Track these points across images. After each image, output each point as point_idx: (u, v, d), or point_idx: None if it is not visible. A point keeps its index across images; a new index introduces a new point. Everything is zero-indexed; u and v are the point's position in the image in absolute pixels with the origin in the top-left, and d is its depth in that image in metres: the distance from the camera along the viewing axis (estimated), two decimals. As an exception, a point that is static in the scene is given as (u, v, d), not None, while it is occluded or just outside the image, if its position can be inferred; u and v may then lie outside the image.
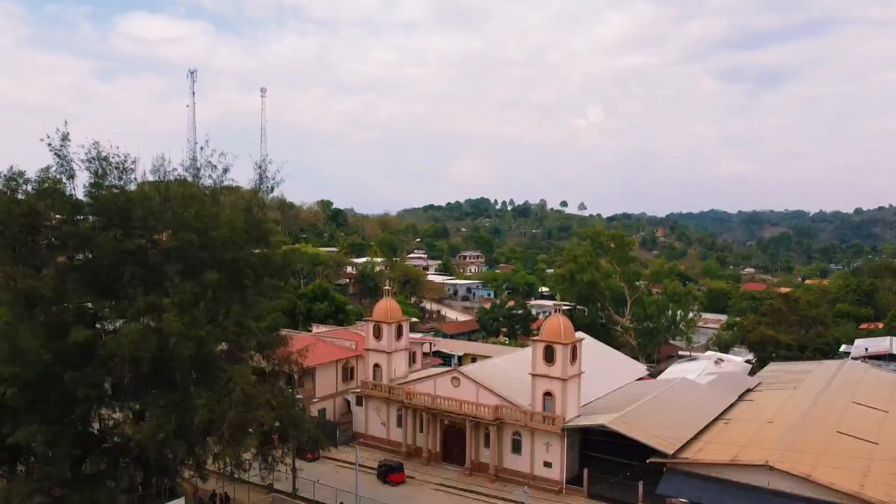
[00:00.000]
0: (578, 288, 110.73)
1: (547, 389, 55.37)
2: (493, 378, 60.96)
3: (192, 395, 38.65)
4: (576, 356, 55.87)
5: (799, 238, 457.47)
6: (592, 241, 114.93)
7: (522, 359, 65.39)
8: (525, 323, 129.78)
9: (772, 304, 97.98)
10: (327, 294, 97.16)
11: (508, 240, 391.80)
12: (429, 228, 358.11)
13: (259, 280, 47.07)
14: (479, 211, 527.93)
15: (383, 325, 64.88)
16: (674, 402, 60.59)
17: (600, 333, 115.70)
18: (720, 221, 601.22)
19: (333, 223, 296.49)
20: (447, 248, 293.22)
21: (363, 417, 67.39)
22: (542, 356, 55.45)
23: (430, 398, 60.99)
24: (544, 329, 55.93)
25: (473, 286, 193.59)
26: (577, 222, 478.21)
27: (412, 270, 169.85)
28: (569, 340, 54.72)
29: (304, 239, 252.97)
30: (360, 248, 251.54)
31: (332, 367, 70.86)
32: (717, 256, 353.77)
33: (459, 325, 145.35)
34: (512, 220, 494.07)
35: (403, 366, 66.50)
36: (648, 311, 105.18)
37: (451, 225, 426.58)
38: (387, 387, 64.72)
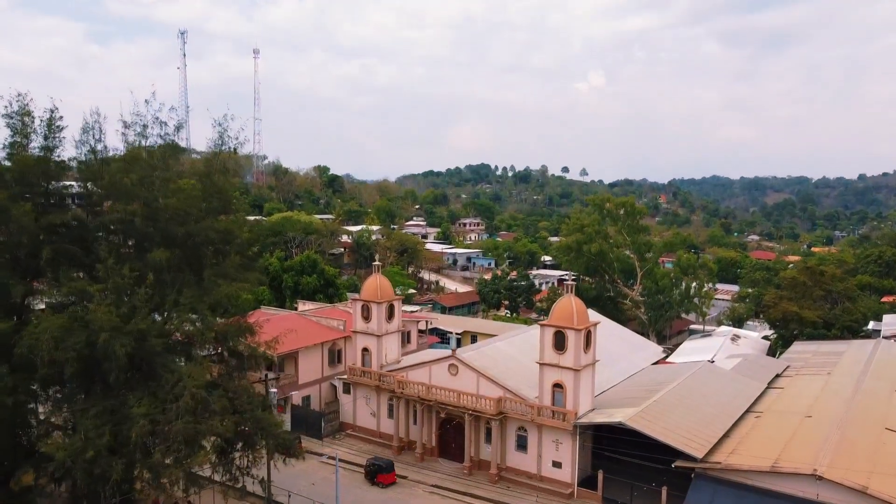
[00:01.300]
0: (585, 259, 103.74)
1: (557, 381, 48.61)
2: (496, 365, 54.22)
3: (129, 401, 31.78)
4: (590, 343, 49.01)
5: (802, 204, 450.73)
6: (600, 210, 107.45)
7: (529, 342, 58.62)
8: (527, 295, 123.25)
9: (794, 277, 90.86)
10: (316, 266, 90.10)
11: (509, 206, 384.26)
12: (428, 195, 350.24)
13: (220, 258, 40.07)
14: (479, 177, 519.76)
15: (372, 305, 57.96)
16: (698, 392, 53.89)
17: (608, 307, 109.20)
18: (722, 187, 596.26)
19: (330, 189, 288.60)
20: (447, 214, 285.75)
21: (351, 406, 60.88)
22: (552, 343, 48.57)
23: (424, 388, 54.32)
24: (554, 312, 48.97)
25: (473, 255, 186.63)
26: (579, 188, 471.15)
27: (409, 239, 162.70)
28: (582, 325, 47.79)
29: (299, 206, 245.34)
30: (357, 216, 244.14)
31: (316, 351, 64.12)
32: (721, 223, 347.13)
33: (459, 297, 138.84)
34: (513, 186, 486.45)
35: (395, 349, 59.77)
36: (661, 284, 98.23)
37: (450, 191, 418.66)
38: (376, 374, 58.05)
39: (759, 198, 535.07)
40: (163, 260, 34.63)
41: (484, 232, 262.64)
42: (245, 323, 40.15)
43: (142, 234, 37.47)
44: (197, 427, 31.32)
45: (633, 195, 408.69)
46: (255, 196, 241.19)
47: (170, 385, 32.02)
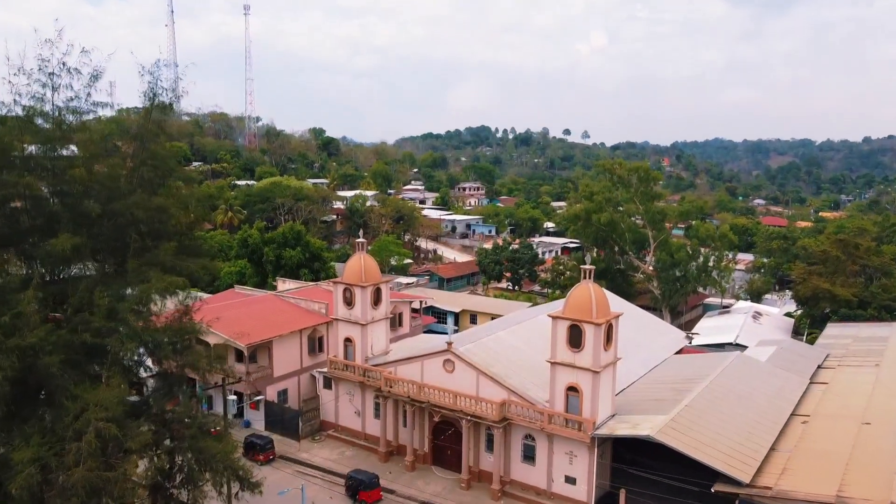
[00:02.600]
0: (594, 229, 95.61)
1: (571, 383, 40.91)
2: (498, 360, 46.51)
3: (14, 442, 23.99)
4: (611, 339, 41.20)
5: (807, 168, 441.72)
6: (610, 175, 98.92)
7: (536, 331, 50.89)
8: (530, 267, 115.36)
9: (826, 250, 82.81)
10: (300, 238, 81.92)
11: (510, 170, 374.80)
12: (427, 158, 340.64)
13: (154, 242, 31.96)
14: (479, 139, 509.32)
15: (355, 290, 50.02)
16: (733, 392, 46.27)
17: (617, 281, 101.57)
18: (725, 150, 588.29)
19: (325, 153, 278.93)
20: (446, 179, 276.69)
21: (333, 403, 53.37)
22: (566, 339, 40.75)
23: (415, 387, 46.65)
24: (569, 302, 41.00)
25: (473, 222, 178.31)
26: (581, 151, 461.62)
27: (406, 206, 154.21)
28: (603, 318, 39.91)
29: (292, 169, 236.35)
30: (352, 180, 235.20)
31: (294, 339, 56.37)
32: (726, 187, 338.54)
33: (458, 267, 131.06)
34: (513, 149, 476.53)
35: (383, 339, 52.00)
36: (676, 257, 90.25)
37: (450, 154, 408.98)
38: (360, 368, 50.38)
39: (762, 161, 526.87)
40: (67, 248, 26.54)
41: (484, 197, 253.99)
42: (188, 322, 32.12)
43: (47, 213, 29.31)
44: (103, 475, 23.60)
45: (633, 157, 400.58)
46: (246, 159, 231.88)
47: (69, 419, 24.19)
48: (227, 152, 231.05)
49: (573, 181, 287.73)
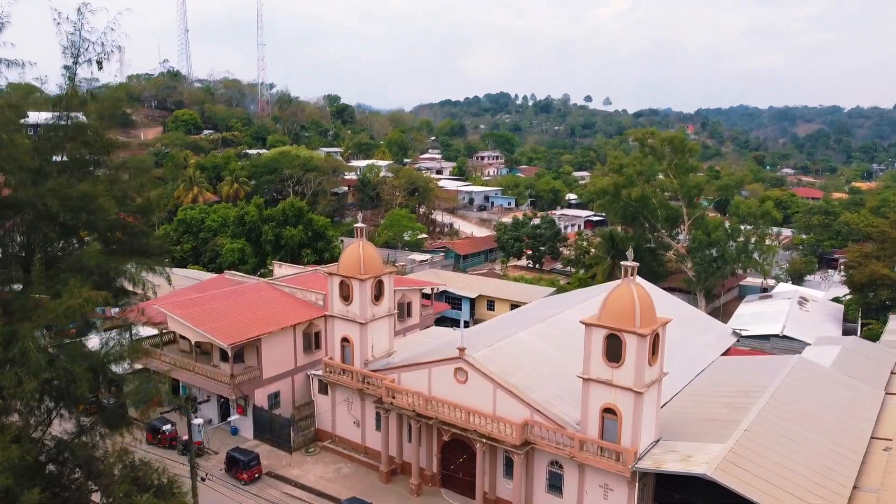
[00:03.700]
0: (623, 204, 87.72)
1: (608, 404, 33.79)
2: (519, 368, 39.46)
3: None
4: (657, 352, 33.92)
5: (836, 136, 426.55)
6: (642, 146, 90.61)
7: (563, 330, 43.87)
8: (552, 243, 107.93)
9: (885, 231, 74.47)
10: (301, 215, 74.98)
11: (529, 137, 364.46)
12: (444, 126, 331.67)
13: (75, 242, 25.09)
14: (498, 106, 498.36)
15: (353, 283, 43.02)
16: (798, 408, 38.89)
17: (647, 260, 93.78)
18: (750, 117, 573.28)
19: (339, 120, 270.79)
20: (464, 147, 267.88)
21: (328, 411, 46.79)
22: (603, 351, 33.51)
23: (422, 400, 39.82)
24: (607, 306, 33.63)
25: (492, 193, 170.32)
26: (602, 118, 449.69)
27: (420, 177, 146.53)
28: (648, 327, 32.60)
29: (305, 138, 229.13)
30: (367, 149, 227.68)
31: (287, 335, 49.64)
32: (753, 156, 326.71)
33: (475, 243, 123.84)
34: (533, 116, 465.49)
35: (386, 339, 45.11)
36: (714, 236, 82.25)
37: (468, 122, 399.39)
38: (359, 374, 43.60)
39: (788, 128, 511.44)
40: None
41: (503, 166, 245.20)
42: (122, 348, 25.29)
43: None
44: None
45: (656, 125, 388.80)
46: (257, 127, 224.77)
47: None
48: (239, 120, 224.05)
49: (595, 149, 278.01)
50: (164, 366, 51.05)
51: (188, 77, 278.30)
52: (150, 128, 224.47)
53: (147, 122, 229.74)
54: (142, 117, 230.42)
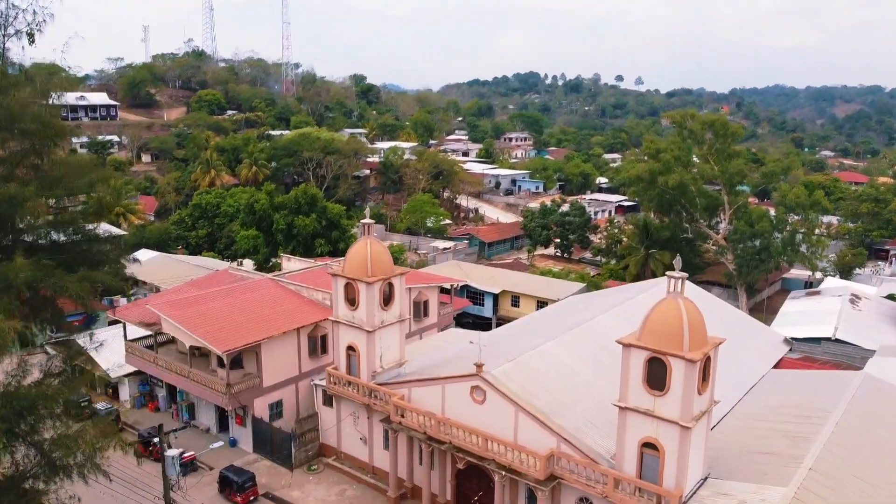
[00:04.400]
0: (659, 192, 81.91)
1: (648, 438, 28.86)
2: (545, 387, 34.65)
3: None
4: (707, 378, 28.84)
5: (879, 116, 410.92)
6: (680, 129, 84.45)
7: (596, 341, 38.95)
8: (581, 232, 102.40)
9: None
10: (315, 203, 70.55)
11: (559, 118, 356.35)
12: (471, 106, 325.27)
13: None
14: (527, 86, 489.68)
15: (359, 286, 38.43)
16: (870, 440, 33.56)
17: (683, 252, 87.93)
18: (786, 97, 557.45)
19: (364, 100, 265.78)
20: (491, 128, 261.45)
21: (334, 424, 42.51)
22: (644, 377, 28.53)
23: (434, 422, 35.25)
24: (649, 325, 28.58)
25: (519, 177, 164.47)
26: (634, 98, 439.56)
27: (445, 161, 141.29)
28: (699, 350, 27.52)
29: (329, 118, 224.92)
30: (392, 130, 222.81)
31: (290, 339, 45.33)
32: (791, 138, 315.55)
33: (500, 230, 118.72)
34: (563, 97, 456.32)
35: (396, 347, 40.52)
36: (758, 227, 76.15)
37: (496, 102, 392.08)
38: (366, 387, 39.15)
39: (826, 109, 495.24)
40: None
41: (532, 148, 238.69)
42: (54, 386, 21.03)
43: None
44: None
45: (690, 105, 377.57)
46: (281, 108, 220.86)
47: None
48: (262, 100, 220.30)
49: (626, 130, 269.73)
50: (159, 370, 47.27)
51: (213, 57, 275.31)
52: (174, 108, 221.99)
53: (171, 102, 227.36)
54: (166, 98, 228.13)
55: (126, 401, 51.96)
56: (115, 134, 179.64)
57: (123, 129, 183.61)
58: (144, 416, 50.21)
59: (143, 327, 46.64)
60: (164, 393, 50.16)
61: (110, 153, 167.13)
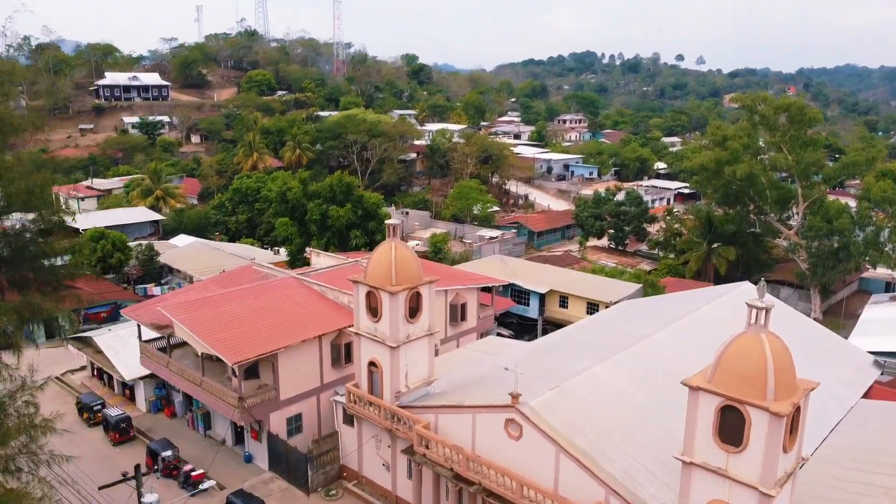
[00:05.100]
0: (725, 182, 75.05)
1: (719, 502, 23.51)
2: (593, 424, 29.56)
3: None
4: (795, 431, 23.31)
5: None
6: (750, 114, 77.08)
7: (657, 364, 33.57)
8: (638, 223, 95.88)
9: None
10: (350, 192, 66.30)
11: (615, 99, 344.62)
12: (525, 87, 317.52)
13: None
14: (583, 66, 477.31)
15: (382, 296, 33.83)
16: None
17: (749, 247, 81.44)
18: (858, 78, 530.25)
19: (415, 80, 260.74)
20: (544, 110, 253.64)
21: (355, 445, 38.27)
22: (716, 428, 23.17)
23: (462, 457, 30.59)
24: (723, 365, 23.10)
25: (572, 162, 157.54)
26: (695, 79, 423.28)
27: (494, 145, 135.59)
28: (786, 401, 22.03)
29: (379, 99, 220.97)
30: (442, 111, 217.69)
31: (311, 347, 41.18)
32: (864, 121, 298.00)
33: (550, 219, 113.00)
34: (620, 77, 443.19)
35: (425, 363, 35.86)
36: (837, 223, 68.81)
37: (551, 82, 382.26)
38: (388, 410, 34.69)
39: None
40: None
41: (586, 130, 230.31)
42: None
43: None
44: None
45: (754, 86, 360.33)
46: (330, 88, 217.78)
47: None
48: (312, 81, 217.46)
49: (687, 112, 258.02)
50: (172, 376, 43.79)
51: (264, 36, 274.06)
52: (225, 88, 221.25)
53: (222, 82, 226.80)
54: (217, 78, 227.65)
55: (142, 405, 48.90)
56: (166, 114, 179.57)
57: (174, 110, 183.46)
58: (160, 423, 47.04)
59: (155, 330, 43.15)
60: (180, 398, 46.82)
61: (160, 133, 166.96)
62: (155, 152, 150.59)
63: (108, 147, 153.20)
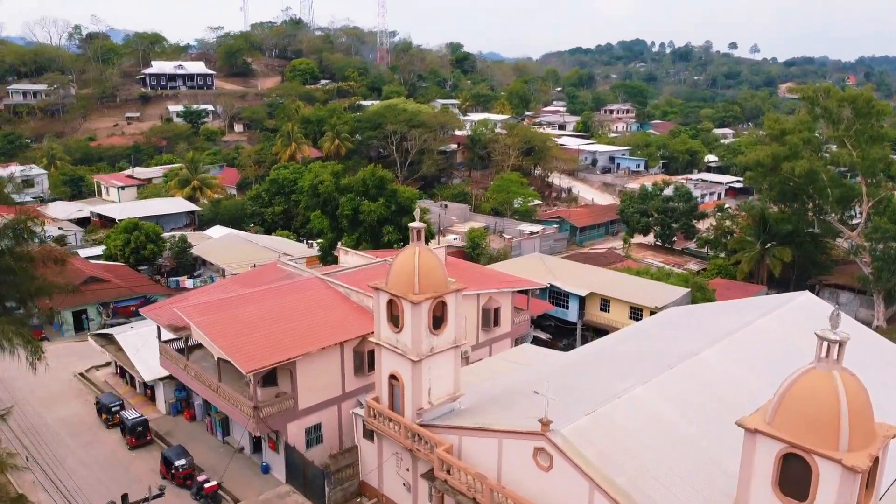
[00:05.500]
0: (781, 179, 70.30)
1: (778, 562, 20.29)
2: (632, 456, 26.50)
3: None
4: (872, 483, 19.91)
5: None
6: (812, 106, 72.02)
7: (707, 387, 30.28)
8: (686, 220, 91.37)
9: None
10: (384, 186, 63.78)
11: (665, 89, 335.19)
12: (571, 75, 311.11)
13: None
14: (632, 54, 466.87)
15: (404, 305, 31.18)
16: None
17: (807, 248, 76.48)
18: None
19: (459, 69, 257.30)
20: (591, 99, 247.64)
21: (374, 460, 35.86)
22: (775, 478, 19.92)
23: (485, 487, 27.84)
24: (787, 403, 19.83)
25: (618, 154, 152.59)
26: (748, 68, 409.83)
27: (536, 136, 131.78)
28: (862, 454, 18.71)
29: (422, 89, 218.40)
30: (486, 101, 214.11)
31: (332, 354, 38.86)
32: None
33: (594, 213, 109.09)
34: (670, 65, 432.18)
35: (449, 378, 33.07)
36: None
37: (599, 71, 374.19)
38: (408, 429, 32.11)
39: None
40: None
41: (634, 121, 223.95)
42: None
43: None
44: None
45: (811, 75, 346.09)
46: (373, 77, 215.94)
47: None
48: (355, 69, 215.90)
49: (740, 103, 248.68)
50: (189, 379, 42.03)
51: (309, 25, 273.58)
52: (269, 77, 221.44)
53: (266, 71, 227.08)
54: (262, 67, 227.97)
55: (162, 406, 47.39)
56: (210, 103, 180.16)
57: (218, 99, 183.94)
58: (179, 426, 45.43)
59: (172, 331, 41.35)
60: (200, 401, 45.09)
61: (204, 122, 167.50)
62: (197, 141, 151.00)
63: (153, 135, 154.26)
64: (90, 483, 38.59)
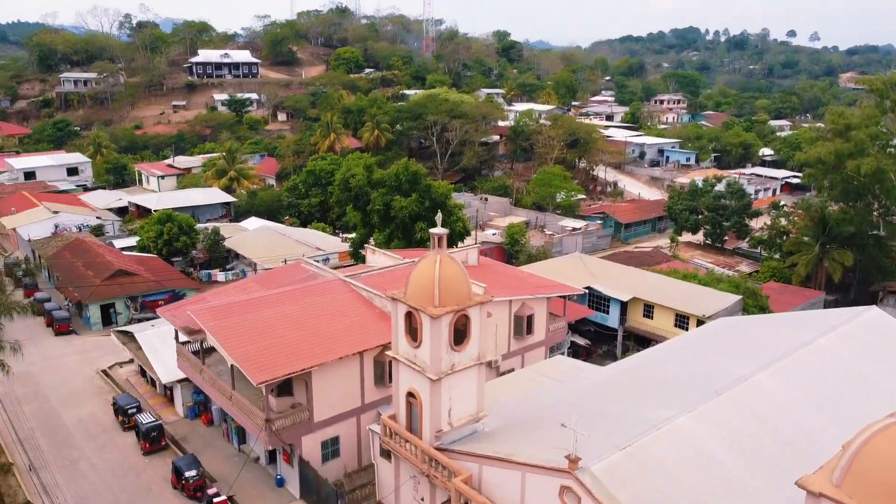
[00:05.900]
0: (844, 177, 65.40)
1: None
2: (672, 496, 23.38)
3: None
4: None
5: None
6: (880, 99, 66.74)
7: (761, 417, 27.00)
8: (738, 219, 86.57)
9: None
10: (417, 181, 61.16)
11: (719, 78, 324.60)
12: (621, 64, 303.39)
13: None
14: (685, 43, 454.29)
15: (423, 319, 28.49)
16: None
17: (869, 250, 71.37)
18: None
19: (505, 58, 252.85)
20: (641, 89, 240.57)
21: (392, 480, 33.39)
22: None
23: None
24: (860, 469, 16.55)
25: (668, 146, 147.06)
26: (807, 56, 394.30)
27: (581, 127, 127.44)
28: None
29: (467, 78, 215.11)
30: (531, 90, 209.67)
31: (350, 363, 36.49)
32: None
33: (640, 209, 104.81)
34: (724, 54, 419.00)
35: (471, 397, 30.30)
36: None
37: (650, 59, 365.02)
38: (424, 453, 29.51)
39: None
40: None
41: (685, 112, 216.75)
42: None
43: None
44: None
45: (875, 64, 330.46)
46: (418, 66, 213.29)
47: None
48: (400, 58, 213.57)
49: (798, 93, 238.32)
50: (204, 384, 40.21)
51: (355, 13, 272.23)
52: (314, 66, 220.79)
53: (311, 60, 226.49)
54: (307, 55, 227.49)
55: (180, 409, 45.84)
56: (255, 92, 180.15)
57: (262, 87, 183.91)
58: (195, 431, 43.79)
59: (187, 335, 39.55)
60: (217, 406, 43.28)
61: (248, 111, 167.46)
62: (241, 130, 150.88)
63: (197, 124, 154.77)
64: (98, 490, 37.18)
